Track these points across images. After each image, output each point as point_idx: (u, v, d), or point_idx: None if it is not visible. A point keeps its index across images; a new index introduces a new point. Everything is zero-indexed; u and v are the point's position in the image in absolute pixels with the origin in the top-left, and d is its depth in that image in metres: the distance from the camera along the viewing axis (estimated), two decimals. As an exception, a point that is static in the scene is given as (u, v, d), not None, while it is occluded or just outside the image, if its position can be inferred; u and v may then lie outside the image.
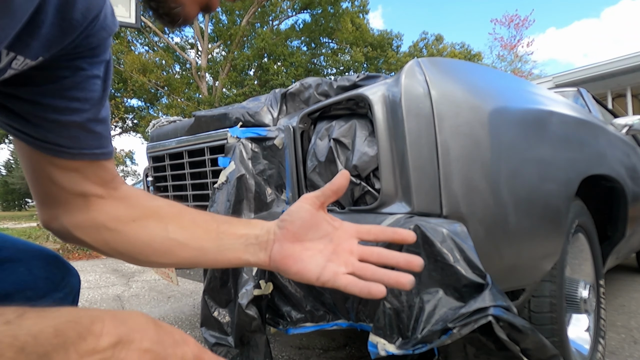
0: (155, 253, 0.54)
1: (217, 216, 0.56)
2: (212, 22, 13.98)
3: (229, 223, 0.55)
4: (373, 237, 0.51)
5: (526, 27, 25.04)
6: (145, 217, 0.54)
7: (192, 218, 0.55)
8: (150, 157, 1.63)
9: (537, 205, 0.96)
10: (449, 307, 0.67)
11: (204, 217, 0.56)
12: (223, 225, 0.54)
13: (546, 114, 1.07)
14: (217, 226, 0.54)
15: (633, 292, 2.55)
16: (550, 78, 7.09)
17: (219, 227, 0.54)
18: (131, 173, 27.08)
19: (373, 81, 1.07)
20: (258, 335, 0.93)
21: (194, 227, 0.54)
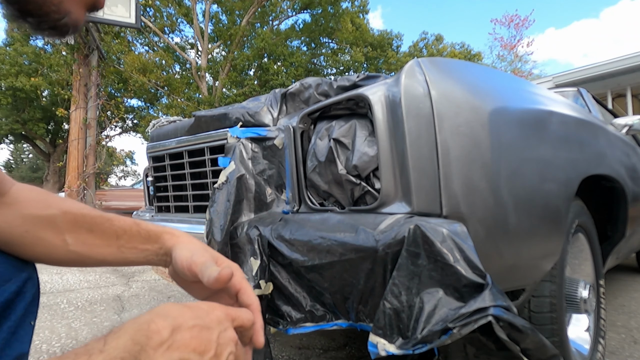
0: (59, 262, 0.54)
1: (114, 221, 0.55)
2: (212, 22, 13.98)
3: (128, 235, 0.55)
4: None
5: (526, 27, 25.08)
6: (39, 229, 0.51)
7: (89, 227, 0.54)
8: (150, 157, 1.63)
9: (537, 205, 0.96)
10: (449, 307, 0.67)
11: (102, 225, 0.54)
12: (122, 238, 0.54)
13: (546, 114, 1.07)
14: (117, 238, 0.54)
15: (633, 292, 2.55)
16: (550, 78, 7.09)
17: (118, 239, 0.54)
18: (131, 173, 27.10)
19: (373, 81, 1.07)
20: (258, 335, 0.93)
21: (92, 238, 0.53)
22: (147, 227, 0.56)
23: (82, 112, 5.24)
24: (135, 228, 0.55)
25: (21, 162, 27.97)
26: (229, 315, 0.40)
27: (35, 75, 11.43)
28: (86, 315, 2.24)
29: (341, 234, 0.82)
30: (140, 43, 14.11)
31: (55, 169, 14.64)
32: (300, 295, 0.91)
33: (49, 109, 12.93)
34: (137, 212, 1.92)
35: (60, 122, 14.63)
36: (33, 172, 25.83)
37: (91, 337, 1.89)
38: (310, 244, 0.86)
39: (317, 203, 1.04)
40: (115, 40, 10.45)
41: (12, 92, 11.76)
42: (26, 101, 12.70)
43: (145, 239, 0.55)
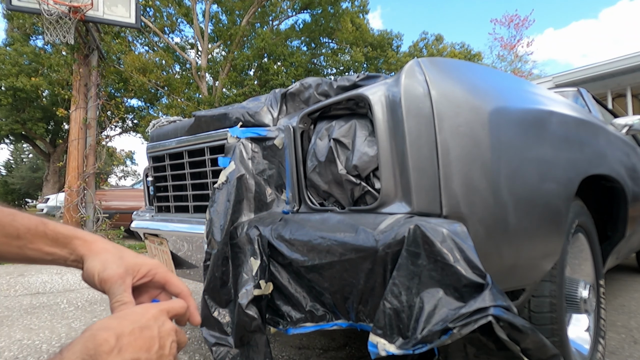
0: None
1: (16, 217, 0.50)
2: (212, 22, 13.98)
3: (32, 234, 0.50)
4: None
5: (526, 27, 25.07)
6: None
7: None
8: (150, 157, 1.63)
9: (537, 205, 0.96)
10: (449, 307, 0.67)
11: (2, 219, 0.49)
12: (24, 238, 0.50)
13: (546, 114, 1.07)
14: (17, 237, 0.49)
15: (633, 292, 2.55)
16: (550, 78, 7.09)
17: (19, 239, 0.50)
18: (131, 173, 27.10)
19: (373, 81, 1.07)
20: (258, 335, 0.93)
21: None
22: (56, 228, 0.51)
23: (82, 112, 5.24)
24: (41, 228, 0.51)
25: (21, 162, 27.96)
26: (163, 311, 0.45)
27: (35, 75, 11.44)
28: (86, 315, 2.24)
29: (341, 234, 0.82)
30: (140, 43, 14.11)
31: (55, 169, 14.65)
32: (300, 295, 0.91)
33: (49, 109, 12.93)
34: (137, 212, 1.92)
35: (60, 122, 14.63)
36: (33, 172, 25.83)
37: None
38: (310, 244, 0.86)
39: (317, 203, 1.04)
40: (115, 40, 10.45)
41: (12, 92, 11.76)
42: (26, 101, 12.70)
43: (53, 241, 0.51)
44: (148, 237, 1.65)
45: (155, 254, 1.64)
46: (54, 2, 4.60)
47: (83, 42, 5.27)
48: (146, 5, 12.76)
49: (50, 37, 4.73)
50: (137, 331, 0.40)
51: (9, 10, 5.12)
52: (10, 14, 11.65)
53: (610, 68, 6.22)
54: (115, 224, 5.51)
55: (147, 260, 0.54)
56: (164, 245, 1.51)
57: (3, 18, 12.52)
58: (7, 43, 12.96)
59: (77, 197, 5.07)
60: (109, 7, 5.06)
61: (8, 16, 12.05)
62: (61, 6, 4.63)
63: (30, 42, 12.90)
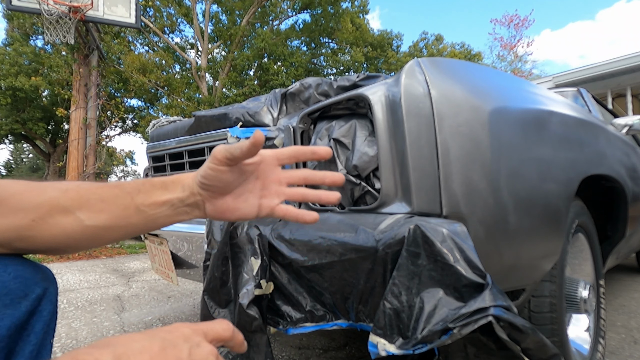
0: (80, 243, 0.49)
1: (123, 186, 0.50)
2: (212, 22, 13.98)
3: (143, 193, 0.50)
4: (293, 159, 0.53)
5: (526, 27, 25.08)
6: (45, 214, 0.46)
7: (100, 197, 0.48)
8: (150, 157, 1.63)
9: (537, 205, 0.96)
10: (449, 307, 0.67)
11: (110, 192, 0.49)
12: (138, 197, 0.49)
13: (546, 114, 1.07)
14: (132, 199, 0.49)
15: (633, 292, 2.55)
16: (550, 78, 7.09)
17: (134, 200, 0.49)
18: (131, 173, 27.11)
19: (373, 81, 1.07)
20: (259, 335, 0.93)
21: (107, 206, 0.48)
22: (160, 178, 0.51)
23: (82, 112, 5.24)
24: (148, 183, 0.51)
25: (21, 162, 27.96)
26: (198, 330, 0.37)
27: (35, 75, 11.44)
28: (86, 315, 2.24)
29: (341, 234, 0.82)
30: (140, 43, 14.11)
31: (55, 169, 14.63)
32: (300, 295, 0.91)
33: (49, 109, 12.93)
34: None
35: (60, 122, 14.62)
36: (33, 172, 25.82)
37: (91, 337, 1.89)
38: (310, 244, 0.86)
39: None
40: (115, 40, 10.45)
41: (12, 92, 11.75)
42: (26, 101, 12.70)
43: (163, 188, 0.50)
44: (148, 237, 1.65)
45: (155, 254, 1.64)
46: (54, 2, 4.60)
47: (83, 42, 5.27)
48: (146, 5, 12.76)
49: (50, 37, 4.73)
50: (156, 349, 0.31)
51: (9, 10, 5.12)
52: (10, 14, 11.65)
53: (610, 68, 6.22)
54: (115, 224, 5.50)
55: None
56: (164, 245, 1.51)
57: (3, 18, 12.53)
58: (7, 43, 12.96)
59: (77, 197, 5.06)
60: (109, 7, 5.06)
61: (8, 16, 12.05)
62: (61, 6, 4.63)
63: (30, 42, 12.90)
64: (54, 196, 0.47)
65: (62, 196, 0.47)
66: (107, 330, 1.99)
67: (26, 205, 0.45)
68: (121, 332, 1.95)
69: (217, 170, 0.49)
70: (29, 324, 0.44)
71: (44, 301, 0.46)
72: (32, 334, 0.44)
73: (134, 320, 2.15)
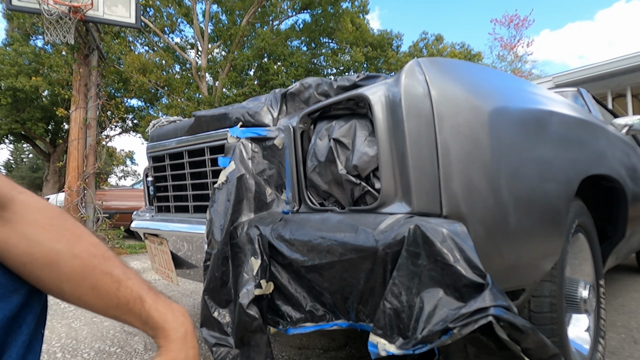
0: (50, 295, 0.50)
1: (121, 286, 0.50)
2: (212, 22, 13.98)
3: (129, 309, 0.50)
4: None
5: (526, 27, 25.09)
6: (38, 267, 0.45)
7: (93, 286, 0.48)
8: (150, 157, 1.63)
9: (537, 205, 0.96)
10: (449, 307, 0.67)
11: (106, 287, 0.49)
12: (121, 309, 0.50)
13: (546, 114, 1.07)
14: (116, 307, 0.49)
15: (633, 292, 2.55)
16: (550, 78, 7.09)
17: (117, 309, 0.49)
18: (131, 173, 27.11)
19: (373, 81, 1.07)
20: (259, 335, 0.93)
21: (91, 295, 0.48)
22: (150, 311, 0.50)
23: (82, 112, 5.24)
24: (138, 307, 0.50)
25: (21, 162, 27.96)
26: None
27: (35, 75, 11.43)
28: (86, 315, 2.24)
29: (341, 234, 0.82)
30: (140, 43, 14.11)
31: (55, 169, 14.64)
32: (300, 295, 0.91)
33: (49, 109, 12.93)
34: (137, 212, 1.92)
35: (60, 122, 14.62)
36: (33, 172, 25.82)
37: (91, 337, 1.89)
38: (310, 244, 0.85)
39: (317, 203, 1.04)
40: (115, 40, 10.45)
41: (12, 93, 11.75)
42: (26, 101, 12.70)
43: (144, 322, 0.51)
44: (148, 237, 1.65)
45: (155, 254, 1.64)
46: (54, 2, 4.59)
47: (83, 42, 5.26)
48: (146, 5, 12.76)
49: (50, 37, 4.73)
50: None
51: (9, 10, 5.12)
52: (10, 14, 11.65)
53: (610, 68, 6.22)
54: (115, 224, 5.51)
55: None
56: (164, 245, 1.51)
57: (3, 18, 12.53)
58: (7, 43, 12.96)
59: (77, 197, 5.07)
60: (109, 7, 5.06)
61: (8, 16, 12.05)
62: (61, 6, 4.63)
63: (30, 42, 12.90)
64: (61, 252, 0.46)
65: (67, 260, 0.46)
66: (107, 330, 1.99)
67: (33, 241, 0.45)
68: (121, 332, 1.95)
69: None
70: (20, 316, 0.45)
71: (35, 294, 0.47)
72: (23, 324, 0.46)
73: (134, 320, 2.15)
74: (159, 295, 0.53)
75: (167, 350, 0.50)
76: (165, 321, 0.51)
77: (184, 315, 0.53)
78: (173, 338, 0.50)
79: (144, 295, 0.51)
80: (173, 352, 0.50)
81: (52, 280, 0.46)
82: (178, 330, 0.51)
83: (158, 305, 0.51)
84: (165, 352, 0.50)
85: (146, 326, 0.51)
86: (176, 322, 0.51)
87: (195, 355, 0.52)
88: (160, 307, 0.51)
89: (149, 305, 0.50)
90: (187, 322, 0.53)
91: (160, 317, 0.51)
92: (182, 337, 0.51)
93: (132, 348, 1.74)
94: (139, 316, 0.50)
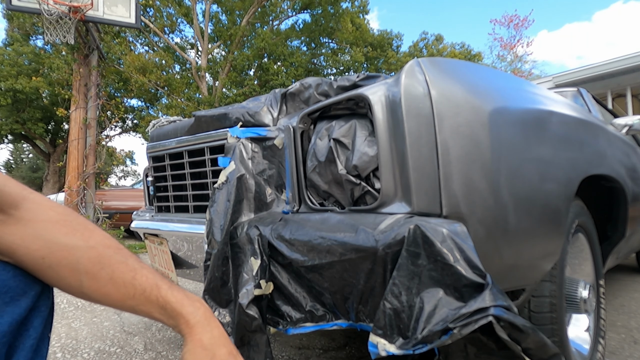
0: (67, 293, 0.50)
1: (137, 274, 0.50)
2: (212, 22, 13.97)
3: (145, 297, 0.50)
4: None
5: (525, 27, 25.10)
6: (57, 262, 0.46)
7: (110, 275, 0.49)
8: (150, 157, 1.63)
9: (537, 205, 0.96)
10: (449, 307, 0.67)
11: (123, 276, 0.49)
12: (138, 299, 0.50)
13: (546, 114, 1.07)
14: (133, 297, 0.50)
15: (633, 292, 2.55)
16: (550, 78, 7.09)
17: (134, 298, 0.50)
18: (131, 173, 27.11)
19: (373, 81, 1.07)
20: (259, 335, 0.93)
21: (109, 287, 0.49)
22: (167, 296, 0.50)
23: (82, 112, 5.24)
24: (154, 293, 0.50)
25: (21, 162, 27.96)
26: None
27: (35, 75, 11.43)
28: (86, 315, 2.24)
29: (341, 234, 0.82)
30: (140, 43, 14.11)
31: (55, 169, 14.64)
32: (300, 295, 0.91)
33: (49, 109, 12.93)
34: (137, 212, 1.92)
35: (60, 122, 14.63)
36: (33, 172, 25.82)
37: (91, 337, 1.89)
38: (310, 244, 0.85)
39: (317, 203, 1.04)
40: (115, 40, 10.45)
41: (12, 93, 11.75)
42: (26, 102, 12.70)
43: (162, 309, 0.51)
44: (148, 237, 1.65)
45: (155, 254, 1.64)
46: (54, 2, 4.60)
47: (83, 42, 5.26)
48: (146, 5, 12.76)
49: (50, 37, 4.73)
50: None
51: (9, 10, 5.12)
52: (10, 14, 11.65)
53: (610, 68, 6.22)
54: (115, 224, 5.51)
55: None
56: (164, 245, 1.51)
57: (3, 18, 12.52)
58: (7, 43, 12.96)
59: (77, 197, 5.07)
60: (109, 7, 5.06)
61: (8, 16, 12.05)
62: (61, 6, 4.63)
63: (30, 42, 12.90)
64: (78, 246, 0.47)
65: (83, 251, 0.47)
66: (107, 330, 1.99)
67: (49, 239, 0.46)
68: (121, 332, 1.95)
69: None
70: (28, 319, 0.46)
71: (42, 297, 0.48)
72: (31, 328, 0.46)
73: (134, 320, 2.15)
74: (173, 284, 0.53)
75: (191, 335, 0.50)
76: (182, 306, 0.51)
77: (199, 300, 0.53)
78: (193, 322, 0.50)
79: (160, 282, 0.51)
80: (197, 335, 0.50)
81: (71, 274, 0.47)
82: (196, 314, 0.51)
83: (174, 291, 0.51)
84: (190, 337, 0.50)
85: (165, 314, 0.51)
86: (193, 306, 0.51)
87: (221, 334, 0.52)
88: (176, 293, 0.51)
89: (165, 291, 0.51)
90: (204, 306, 0.53)
91: (177, 302, 0.51)
92: (202, 319, 0.51)
93: (132, 348, 1.74)
94: (157, 303, 0.50)
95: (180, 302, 0.51)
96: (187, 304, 0.51)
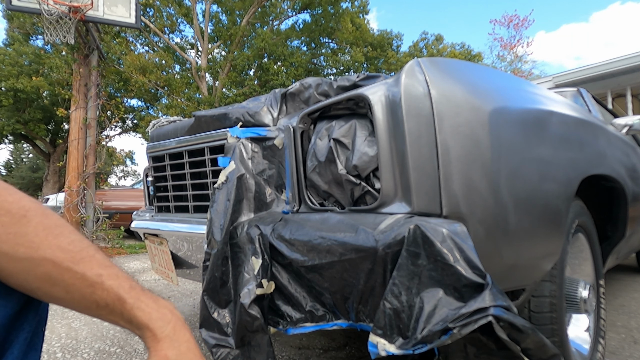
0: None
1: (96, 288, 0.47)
2: (212, 22, 13.97)
3: (110, 309, 0.48)
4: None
5: (525, 27, 25.11)
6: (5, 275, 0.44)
7: (66, 290, 0.46)
8: (150, 157, 1.63)
9: (537, 205, 0.96)
10: (449, 307, 0.67)
11: (81, 291, 0.47)
12: (103, 309, 0.48)
13: (546, 114, 1.07)
14: (97, 307, 0.48)
15: (633, 292, 2.55)
16: (550, 78, 7.09)
17: (98, 309, 0.48)
18: (131, 173, 27.11)
19: (373, 81, 1.07)
20: (260, 335, 0.93)
21: (67, 301, 0.47)
22: (132, 311, 0.48)
23: (82, 112, 5.23)
24: (118, 308, 0.48)
25: (21, 162, 27.95)
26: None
27: (36, 75, 11.43)
28: (86, 315, 2.24)
29: (341, 234, 0.82)
30: (140, 43, 14.10)
31: (55, 169, 14.64)
32: (300, 295, 0.91)
33: (49, 109, 12.93)
34: (137, 212, 1.92)
35: (60, 122, 14.62)
36: (33, 172, 25.81)
37: (91, 337, 1.89)
38: (310, 244, 0.85)
39: (317, 203, 1.04)
40: (115, 40, 10.44)
41: (13, 94, 11.75)
42: (27, 102, 12.70)
43: (128, 322, 0.49)
44: (148, 237, 1.65)
45: (155, 254, 1.64)
46: (54, 2, 4.59)
47: (83, 42, 5.26)
48: (146, 5, 12.76)
49: (50, 37, 4.73)
50: None
51: (9, 10, 5.12)
52: (10, 14, 11.65)
53: (610, 68, 6.22)
54: (115, 224, 5.51)
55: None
56: (164, 245, 1.51)
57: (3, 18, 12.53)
58: (7, 43, 12.96)
59: (77, 197, 5.06)
60: (109, 7, 5.06)
61: (8, 16, 12.05)
62: (61, 6, 4.63)
63: (30, 42, 12.90)
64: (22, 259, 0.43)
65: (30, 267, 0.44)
66: (107, 330, 1.99)
67: (20, 244, 0.43)
68: (121, 332, 1.95)
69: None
70: (22, 314, 0.46)
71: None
72: (25, 322, 0.46)
73: (134, 320, 2.15)
74: (143, 293, 0.50)
75: (156, 350, 0.48)
76: (149, 320, 0.49)
77: (171, 311, 0.51)
78: (161, 337, 0.48)
79: (124, 296, 0.48)
80: (163, 350, 0.48)
81: (24, 287, 0.45)
82: (165, 328, 0.49)
83: (141, 304, 0.49)
84: (154, 352, 0.48)
85: (132, 326, 0.49)
86: (162, 319, 0.49)
87: (189, 349, 0.50)
88: (143, 306, 0.49)
89: (130, 306, 0.48)
90: (175, 318, 0.51)
91: (144, 316, 0.48)
92: (171, 333, 0.49)
93: (132, 348, 1.74)
94: (121, 317, 0.48)
95: (148, 316, 0.49)
96: (155, 318, 0.49)
